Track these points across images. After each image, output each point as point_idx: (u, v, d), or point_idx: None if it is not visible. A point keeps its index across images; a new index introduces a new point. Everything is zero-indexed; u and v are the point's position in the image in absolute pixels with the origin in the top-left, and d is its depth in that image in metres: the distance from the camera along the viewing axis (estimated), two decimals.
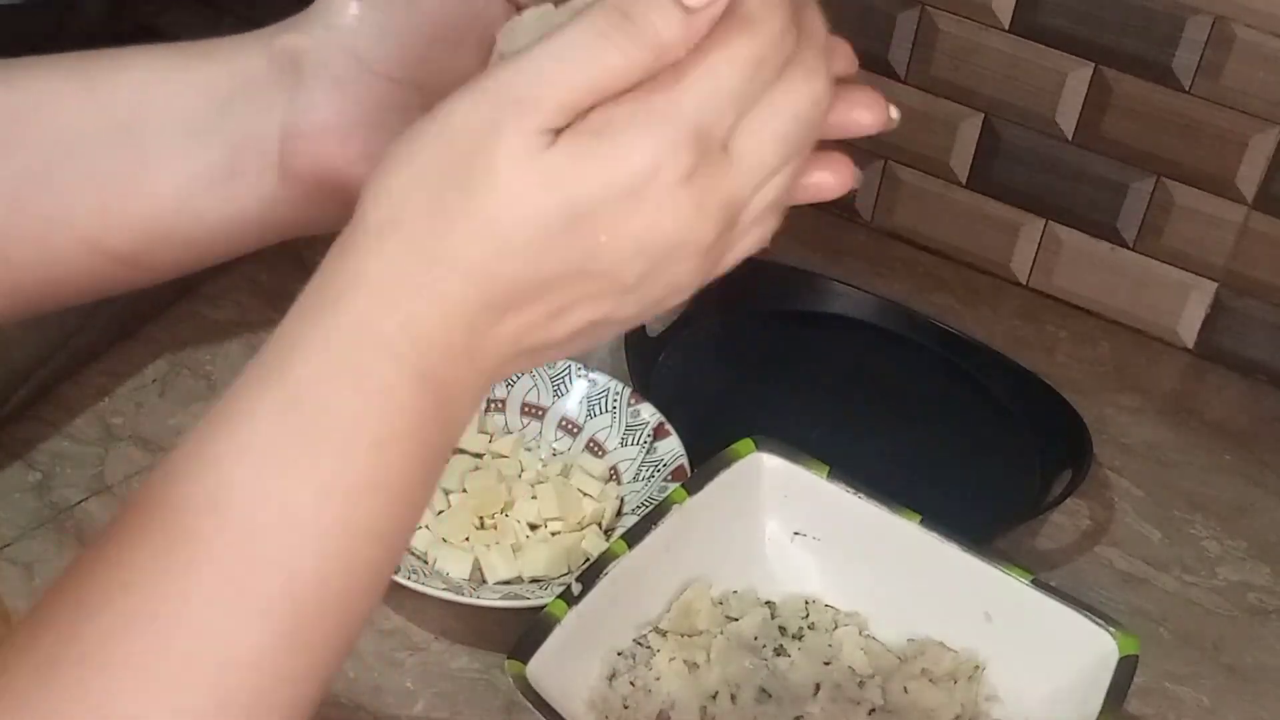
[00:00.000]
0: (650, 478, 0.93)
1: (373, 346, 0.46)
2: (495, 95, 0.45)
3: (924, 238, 1.20)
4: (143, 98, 0.56)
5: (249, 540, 0.44)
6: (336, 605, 0.46)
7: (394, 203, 0.46)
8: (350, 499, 0.45)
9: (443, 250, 0.45)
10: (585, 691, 0.79)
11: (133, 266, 0.57)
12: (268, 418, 0.45)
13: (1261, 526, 1.00)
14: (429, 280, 0.45)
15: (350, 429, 0.45)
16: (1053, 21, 1.08)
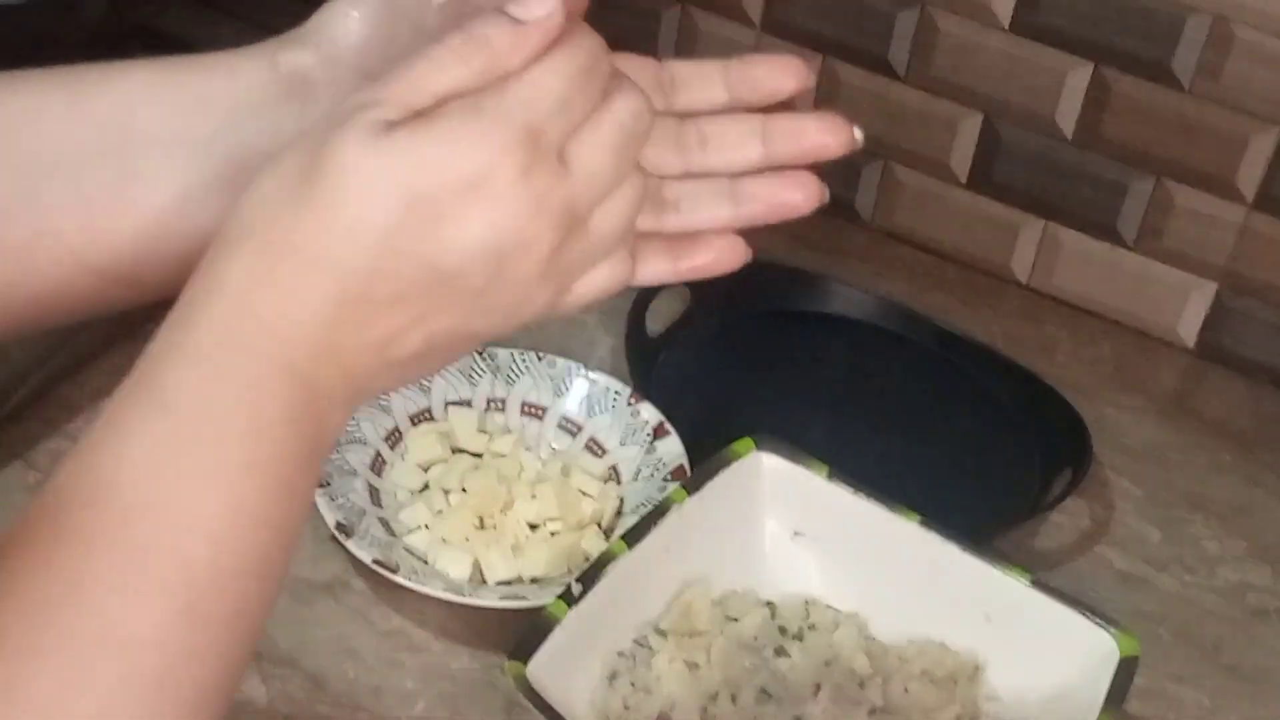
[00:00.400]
0: (650, 478, 0.93)
1: (236, 345, 0.48)
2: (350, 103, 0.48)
3: (924, 238, 1.20)
4: (131, 112, 0.56)
5: (133, 526, 0.46)
6: (231, 584, 0.47)
7: (250, 212, 0.48)
8: (230, 484, 0.47)
9: (294, 242, 0.47)
10: (585, 692, 0.79)
11: (122, 284, 0.57)
12: (143, 425, 0.47)
13: (1261, 526, 1.00)
14: (284, 273, 0.47)
15: (223, 421, 0.47)
16: (1053, 21, 1.08)
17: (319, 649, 0.84)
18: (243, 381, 0.48)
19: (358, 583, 0.88)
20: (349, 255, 0.47)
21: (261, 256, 0.48)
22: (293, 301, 0.48)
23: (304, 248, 0.47)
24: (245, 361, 0.48)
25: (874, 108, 1.15)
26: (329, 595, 0.87)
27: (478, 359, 0.98)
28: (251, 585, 0.48)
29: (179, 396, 0.48)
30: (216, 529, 0.47)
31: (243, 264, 0.48)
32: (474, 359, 0.98)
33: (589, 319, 1.07)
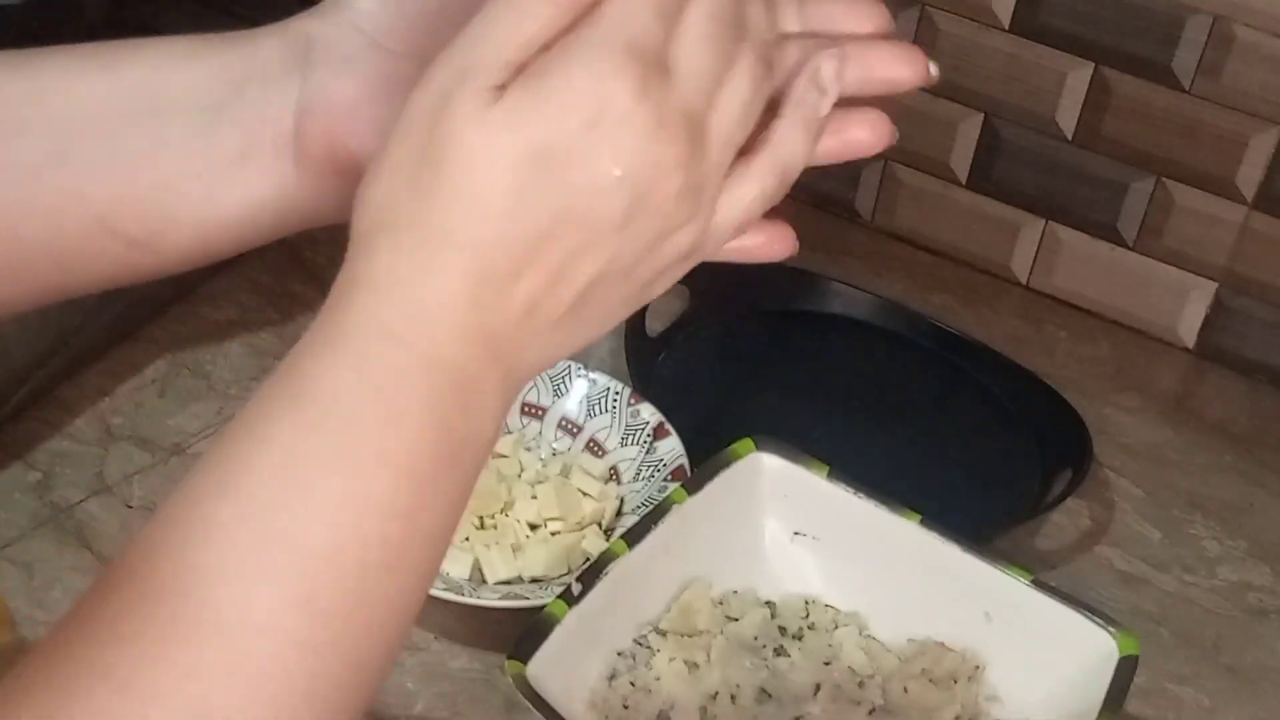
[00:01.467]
0: (650, 478, 0.93)
1: (374, 336, 0.47)
2: (441, 74, 0.47)
3: (924, 238, 1.20)
4: (161, 79, 0.56)
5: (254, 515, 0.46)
6: (353, 577, 0.46)
7: (377, 207, 0.47)
8: (357, 473, 0.46)
9: (427, 229, 0.47)
10: (585, 692, 0.79)
11: (144, 250, 0.57)
12: (278, 413, 0.47)
13: (1261, 526, 1.00)
14: (420, 261, 0.47)
15: (356, 409, 0.47)
16: (1053, 21, 1.08)
17: None
18: (381, 370, 0.47)
19: None
20: (481, 228, 0.46)
21: (395, 249, 0.47)
22: (431, 286, 0.47)
23: (436, 231, 0.47)
24: (385, 350, 0.47)
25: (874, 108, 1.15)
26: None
27: None
28: (380, 580, 0.47)
29: (316, 386, 0.47)
30: (340, 519, 0.46)
31: (380, 259, 0.47)
32: None
33: None
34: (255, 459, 0.47)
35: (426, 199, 0.46)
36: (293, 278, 1.04)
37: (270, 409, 0.47)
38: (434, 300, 0.47)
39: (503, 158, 0.46)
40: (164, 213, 0.56)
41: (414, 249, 0.47)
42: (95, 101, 0.56)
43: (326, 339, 0.47)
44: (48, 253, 0.57)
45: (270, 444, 0.47)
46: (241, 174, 0.56)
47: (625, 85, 0.46)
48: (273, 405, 0.47)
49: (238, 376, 0.98)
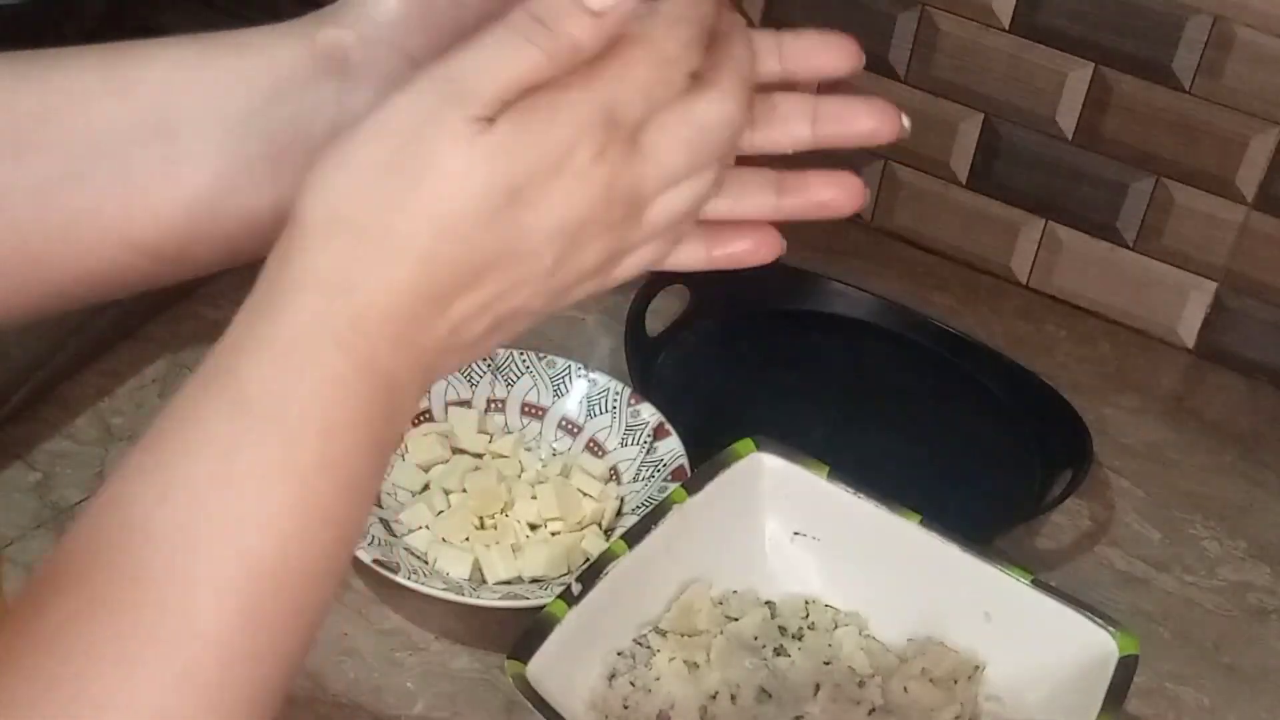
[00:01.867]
0: (650, 478, 0.93)
1: (322, 339, 0.47)
2: (432, 89, 0.48)
3: (924, 238, 1.20)
4: (174, 92, 0.56)
5: (199, 524, 0.46)
6: (294, 585, 0.47)
7: (336, 199, 0.48)
8: (301, 482, 0.47)
9: (387, 235, 0.47)
10: (585, 691, 0.79)
11: (168, 262, 0.57)
12: (217, 418, 0.47)
13: (1261, 526, 1.00)
14: (375, 265, 0.47)
15: (299, 417, 0.47)
16: (1053, 21, 1.08)
17: (319, 649, 0.84)
18: (324, 377, 0.47)
19: (358, 582, 0.88)
20: (439, 247, 0.48)
21: (354, 249, 0.48)
22: (380, 294, 0.48)
23: (397, 240, 0.47)
24: (327, 354, 0.47)
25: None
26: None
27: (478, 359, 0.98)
28: (315, 585, 0.48)
29: (258, 392, 0.47)
30: (285, 528, 0.47)
31: (332, 255, 0.48)
32: None
33: (589, 319, 1.07)
34: (196, 465, 0.47)
35: (393, 206, 0.47)
36: None
37: (208, 412, 0.48)
38: (381, 309, 0.48)
39: (479, 186, 0.48)
40: (188, 227, 0.56)
41: (370, 253, 0.48)
42: (109, 119, 0.55)
43: (270, 342, 0.48)
44: (66, 268, 0.56)
45: (211, 449, 0.47)
46: (270, 185, 0.56)
47: (592, 142, 0.48)
48: (211, 408, 0.48)
49: None
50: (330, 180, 0.48)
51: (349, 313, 0.47)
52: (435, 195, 0.47)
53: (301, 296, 0.48)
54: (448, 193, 0.47)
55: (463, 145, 0.47)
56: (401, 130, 0.48)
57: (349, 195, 0.48)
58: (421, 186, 0.47)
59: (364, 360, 0.48)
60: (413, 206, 0.47)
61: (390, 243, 0.47)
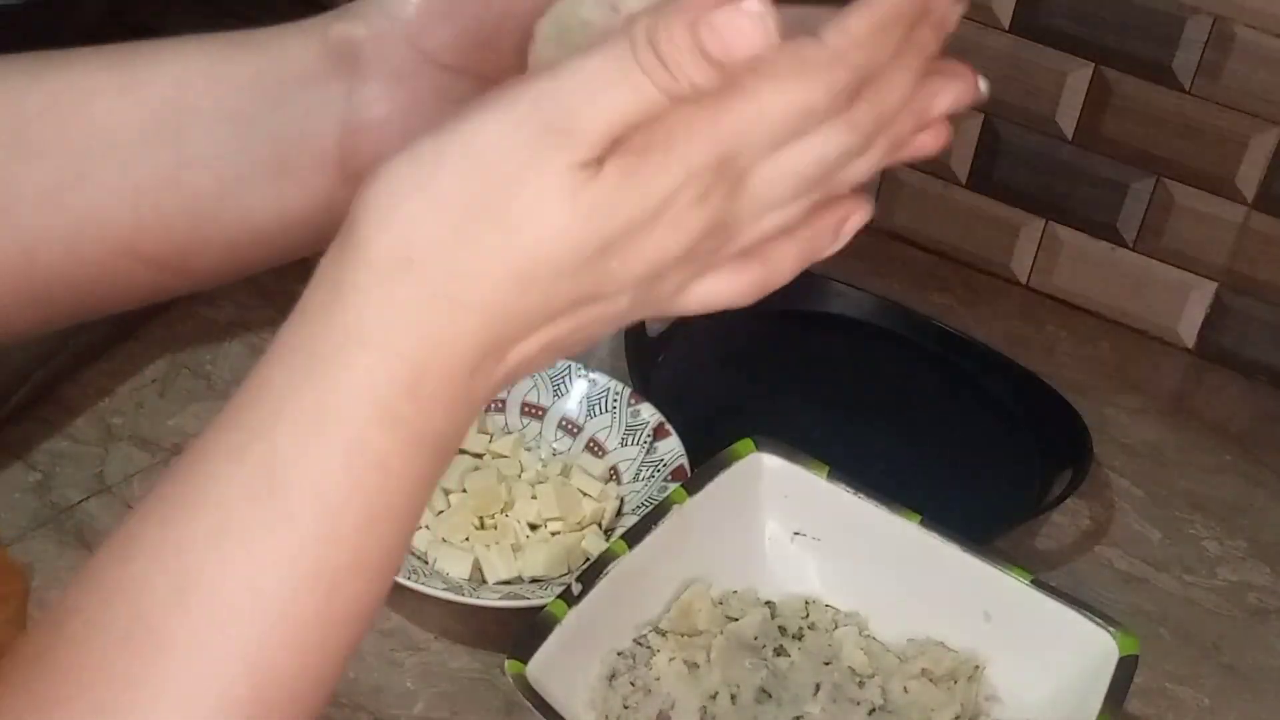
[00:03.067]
0: (650, 478, 0.93)
1: (371, 414, 0.43)
2: (531, 122, 0.42)
3: (924, 238, 1.20)
4: (183, 93, 0.53)
5: (218, 639, 0.43)
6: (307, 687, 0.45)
7: (411, 236, 0.42)
8: (329, 588, 0.44)
9: (468, 293, 0.42)
10: (585, 691, 0.79)
11: (171, 271, 0.55)
12: (243, 499, 0.43)
13: (1261, 526, 1.00)
14: (447, 326, 0.42)
15: (336, 512, 0.43)
16: (1053, 21, 1.08)
17: None
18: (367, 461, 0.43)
19: None
20: (514, 302, 0.43)
21: (423, 300, 0.42)
22: (445, 354, 0.43)
23: (473, 295, 0.42)
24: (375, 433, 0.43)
25: None
26: None
27: None
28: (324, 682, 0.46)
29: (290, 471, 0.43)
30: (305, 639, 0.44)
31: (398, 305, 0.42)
32: None
33: None
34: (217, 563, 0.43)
35: (475, 255, 0.42)
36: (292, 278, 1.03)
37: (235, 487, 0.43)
38: (440, 370, 0.43)
39: (575, 241, 0.42)
40: (191, 234, 0.54)
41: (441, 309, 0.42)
42: (114, 121, 0.53)
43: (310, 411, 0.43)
44: (68, 278, 0.54)
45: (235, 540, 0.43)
46: (275, 189, 0.53)
47: (698, 185, 0.43)
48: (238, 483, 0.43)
49: (237, 376, 0.97)
50: (401, 207, 0.42)
51: (405, 376, 0.43)
52: (524, 248, 0.42)
53: (355, 355, 0.42)
54: (538, 247, 0.42)
55: (566, 198, 0.41)
56: (496, 167, 0.41)
57: (426, 235, 0.42)
58: (512, 238, 0.42)
59: (415, 432, 0.43)
60: (498, 258, 0.42)
61: (464, 297, 0.42)
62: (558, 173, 0.41)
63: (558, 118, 0.41)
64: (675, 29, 0.40)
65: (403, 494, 0.44)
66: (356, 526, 0.43)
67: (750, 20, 0.40)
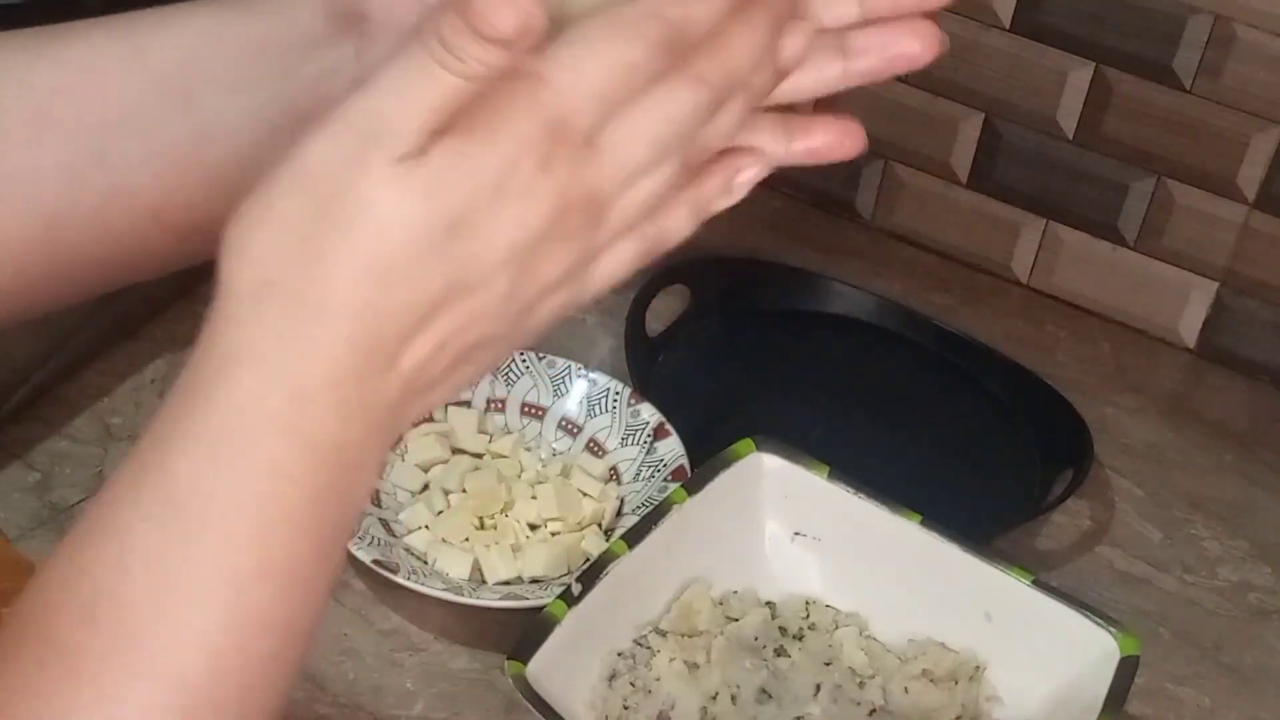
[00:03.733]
0: (650, 478, 0.93)
1: (258, 423, 0.44)
2: (351, 130, 0.43)
3: (924, 238, 1.20)
4: (192, 60, 0.53)
5: (127, 650, 0.43)
6: (233, 700, 0.45)
7: (262, 260, 0.44)
8: (239, 591, 0.44)
9: (328, 297, 0.43)
10: (585, 692, 0.79)
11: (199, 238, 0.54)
12: (145, 525, 0.44)
13: (1261, 526, 1.00)
14: (315, 331, 0.44)
15: (233, 519, 0.44)
16: (1053, 21, 1.08)
17: (319, 649, 0.84)
18: (262, 470, 0.44)
19: (358, 583, 0.87)
20: (377, 296, 0.44)
21: (286, 313, 0.43)
22: (321, 359, 0.44)
23: (332, 298, 0.43)
24: (268, 444, 0.44)
25: (874, 107, 1.15)
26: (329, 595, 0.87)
27: None
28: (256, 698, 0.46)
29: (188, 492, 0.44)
30: (219, 644, 0.44)
31: (265, 323, 0.44)
32: None
33: (589, 319, 1.07)
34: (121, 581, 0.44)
35: (323, 262, 0.43)
36: None
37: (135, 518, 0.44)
38: (319, 376, 0.44)
39: (416, 225, 0.43)
40: (215, 202, 0.52)
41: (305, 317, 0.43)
42: (128, 91, 0.53)
43: (200, 433, 0.44)
44: (95, 253, 0.54)
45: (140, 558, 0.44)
46: None
47: (534, 153, 0.44)
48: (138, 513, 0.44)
49: None
50: (252, 240, 0.44)
51: (287, 388, 0.44)
52: (369, 244, 0.43)
53: (234, 374, 0.44)
54: (383, 239, 0.43)
55: (393, 186, 0.43)
56: (322, 178, 0.43)
57: (274, 255, 0.43)
58: (354, 237, 0.43)
59: (307, 441, 0.44)
60: (345, 259, 0.43)
61: (325, 302, 0.43)
62: (381, 169, 0.43)
63: (370, 123, 0.43)
64: (450, 17, 0.42)
65: (302, 500, 0.45)
66: (253, 533, 0.44)
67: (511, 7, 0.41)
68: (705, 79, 0.46)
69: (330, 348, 0.44)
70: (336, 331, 0.44)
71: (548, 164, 0.44)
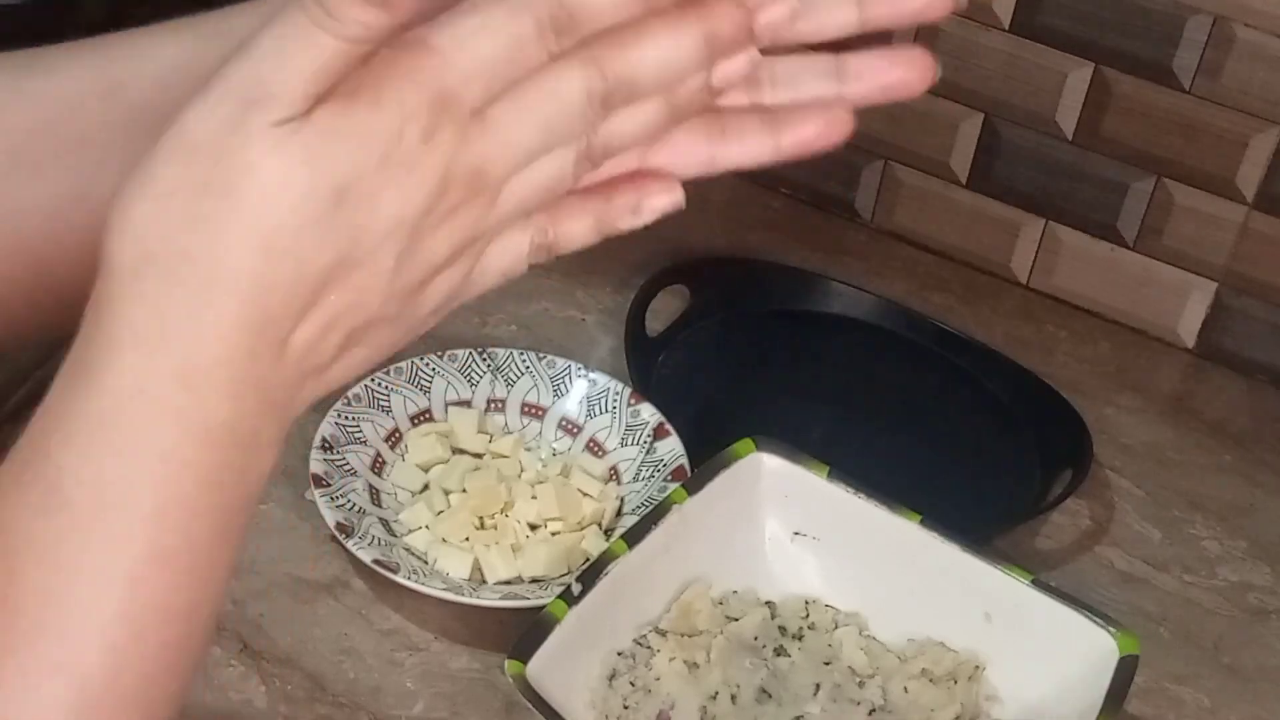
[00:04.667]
0: (650, 478, 0.93)
1: (143, 406, 0.43)
2: (230, 95, 0.42)
3: (924, 238, 1.20)
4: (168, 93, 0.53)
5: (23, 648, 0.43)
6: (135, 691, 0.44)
7: (143, 234, 0.42)
8: (131, 582, 0.43)
9: (211, 269, 0.42)
10: (585, 691, 0.79)
11: None
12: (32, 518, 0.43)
13: (1261, 526, 1.00)
14: (193, 306, 0.42)
15: (123, 506, 0.43)
16: (1053, 21, 1.08)
17: (319, 649, 0.84)
18: (149, 453, 0.43)
19: (358, 583, 0.88)
20: (267, 270, 0.42)
21: (169, 288, 0.42)
22: (208, 338, 0.42)
23: (217, 271, 0.42)
24: (154, 428, 0.42)
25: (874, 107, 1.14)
26: (329, 595, 0.87)
27: (477, 359, 0.98)
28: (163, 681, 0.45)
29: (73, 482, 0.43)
30: (115, 639, 0.43)
31: (148, 301, 0.42)
32: (474, 359, 0.98)
33: (589, 319, 1.07)
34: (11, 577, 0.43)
35: (206, 232, 0.42)
36: None
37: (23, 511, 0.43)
38: (208, 355, 0.43)
39: (298, 192, 0.42)
40: None
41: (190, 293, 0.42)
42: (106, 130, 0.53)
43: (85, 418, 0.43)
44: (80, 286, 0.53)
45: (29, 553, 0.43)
46: None
47: (418, 123, 0.43)
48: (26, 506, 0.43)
49: None
50: (132, 213, 0.42)
51: (173, 367, 0.42)
52: (253, 212, 0.42)
53: (118, 356, 0.42)
54: (267, 206, 0.42)
55: (275, 151, 0.42)
56: (204, 145, 0.42)
57: (155, 227, 0.42)
58: (238, 205, 0.42)
59: (196, 422, 0.43)
60: (230, 228, 0.42)
61: (210, 275, 0.42)
62: (262, 133, 0.42)
63: (250, 87, 0.42)
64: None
65: (197, 484, 0.44)
66: (144, 519, 0.43)
67: None
68: (601, 67, 0.45)
69: (218, 325, 0.42)
70: (224, 307, 0.42)
71: (432, 135, 0.43)
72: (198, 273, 0.42)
